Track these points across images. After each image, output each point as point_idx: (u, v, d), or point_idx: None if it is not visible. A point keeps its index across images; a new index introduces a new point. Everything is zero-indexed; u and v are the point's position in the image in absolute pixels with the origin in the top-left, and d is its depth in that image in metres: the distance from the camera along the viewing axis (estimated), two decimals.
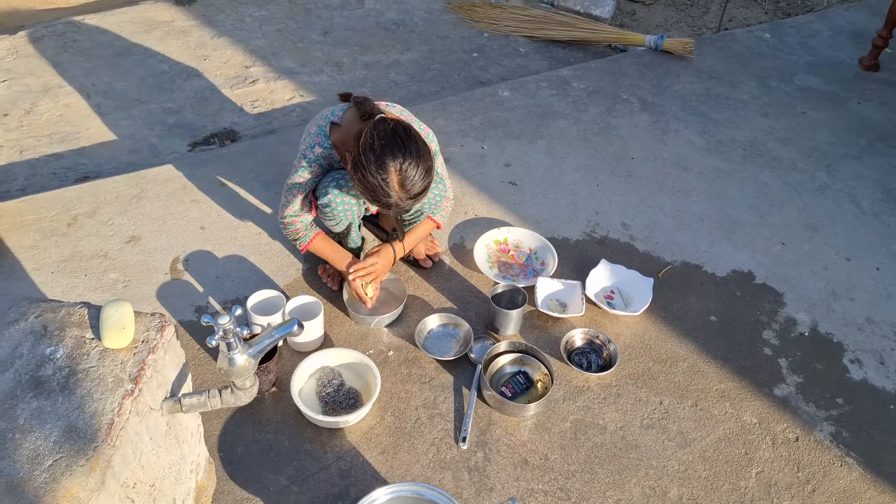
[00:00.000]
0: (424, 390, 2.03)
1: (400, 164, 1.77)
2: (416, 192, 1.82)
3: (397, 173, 1.77)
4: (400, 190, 1.79)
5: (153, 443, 1.22)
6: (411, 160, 1.78)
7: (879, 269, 2.53)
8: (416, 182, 1.80)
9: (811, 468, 1.94)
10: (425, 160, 1.82)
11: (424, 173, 1.81)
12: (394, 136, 1.79)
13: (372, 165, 1.76)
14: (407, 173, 1.78)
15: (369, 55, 3.49)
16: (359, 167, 1.79)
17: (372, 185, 1.79)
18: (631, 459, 1.92)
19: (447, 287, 2.32)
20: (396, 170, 1.77)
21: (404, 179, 1.78)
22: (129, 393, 1.16)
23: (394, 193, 1.79)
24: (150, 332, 1.24)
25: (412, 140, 1.80)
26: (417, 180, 1.80)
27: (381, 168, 1.76)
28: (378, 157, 1.76)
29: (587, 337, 2.19)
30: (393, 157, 1.76)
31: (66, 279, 2.22)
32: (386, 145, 1.77)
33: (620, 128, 3.05)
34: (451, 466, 1.87)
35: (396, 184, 1.78)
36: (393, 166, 1.76)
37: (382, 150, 1.76)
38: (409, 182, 1.79)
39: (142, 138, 2.93)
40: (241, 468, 1.82)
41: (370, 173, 1.77)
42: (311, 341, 2.07)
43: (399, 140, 1.78)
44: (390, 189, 1.78)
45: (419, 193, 1.83)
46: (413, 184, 1.80)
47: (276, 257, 2.35)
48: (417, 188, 1.82)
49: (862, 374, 2.19)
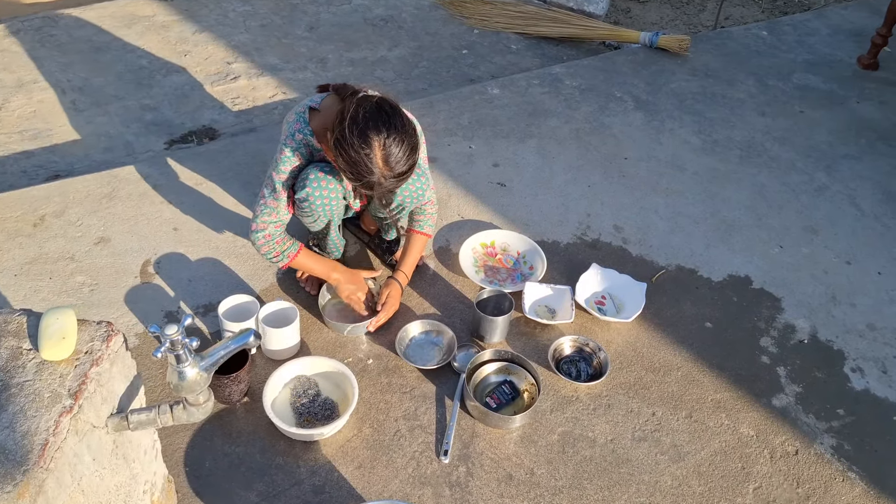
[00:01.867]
0: (405, 401, 1.93)
1: (384, 140, 1.67)
2: (401, 170, 1.72)
3: (381, 148, 1.68)
4: (384, 166, 1.70)
5: (96, 463, 1.11)
6: (396, 135, 1.69)
7: (881, 273, 2.44)
8: (401, 159, 1.71)
9: (811, 483, 1.85)
10: (410, 137, 1.73)
11: (409, 151, 1.72)
12: (379, 110, 1.70)
13: (355, 139, 1.67)
14: (391, 149, 1.68)
15: (355, 52, 3.39)
16: (341, 141, 1.69)
17: (354, 161, 1.69)
18: (622, 474, 1.82)
19: (431, 292, 2.22)
20: (380, 145, 1.67)
21: (388, 155, 1.69)
22: (68, 409, 1.05)
23: (377, 170, 1.69)
24: (95, 342, 1.14)
25: (398, 115, 1.72)
26: (402, 157, 1.71)
27: (365, 142, 1.67)
28: (361, 130, 1.67)
29: (577, 344, 2.09)
30: (377, 131, 1.67)
31: (30, 282, 2.12)
32: (370, 118, 1.68)
33: (614, 127, 2.95)
34: (432, 482, 1.76)
35: (380, 159, 1.69)
36: (377, 141, 1.67)
37: (366, 123, 1.67)
38: (394, 159, 1.70)
39: (117, 136, 2.82)
40: (209, 483, 1.72)
41: (353, 148, 1.67)
42: (287, 349, 1.97)
43: (384, 114, 1.70)
44: (373, 165, 1.69)
45: (403, 173, 1.73)
46: (397, 161, 1.70)
47: (252, 260, 2.25)
48: (402, 167, 1.72)
49: (864, 384, 2.10)
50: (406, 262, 2.13)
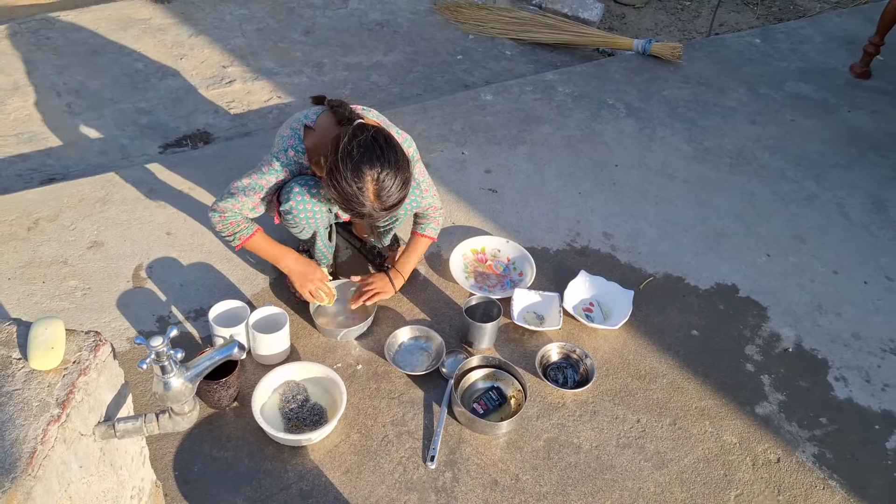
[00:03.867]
0: (393, 406, 1.96)
1: (377, 174, 1.70)
2: (391, 203, 1.76)
3: (374, 183, 1.70)
4: (375, 200, 1.73)
5: (83, 471, 1.14)
6: (389, 170, 1.71)
7: (867, 282, 2.46)
8: (393, 193, 1.74)
9: (792, 491, 1.87)
10: (403, 171, 1.75)
11: (402, 185, 1.75)
12: (374, 144, 1.71)
13: (348, 173, 1.69)
14: (384, 184, 1.71)
15: (351, 56, 3.42)
16: (335, 173, 1.72)
17: (346, 194, 1.72)
18: (605, 480, 1.84)
19: (421, 298, 2.24)
20: (373, 179, 1.70)
21: (380, 190, 1.72)
22: (56, 418, 1.08)
23: (368, 203, 1.73)
24: (83, 352, 1.16)
25: (392, 149, 1.73)
26: (394, 192, 1.74)
27: (358, 177, 1.69)
28: (356, 164, 1.69)
29: (564, 351, 2.11)
30: (371, 166, 1.69)
31: (24, 286, 2.14)
32: (365, 153, 1.70)
33: (605, 134, 2.97)
34: (418, 487, 1.79)
35: (372, 194, 1.72)
36: (370, 175, 1.70)
37: (361, 157, 1.69)
38: (385, 193, 1.73)
39: (112, 139, 2.85)
40: (197, 488, 1.74)
41: (346, 181, 1.70)
42: (276, 354, 1.99)
43: (378, 149, 1.71)
44: (365, 199, 1.72)
45: (394, 205, 1.77)
46: (389, 195, 1.73)
47: (244, 265, 2.27)
48: (393, 199, 1.75)
49: (847, 393, 2.12)
50: (403, 261, 2.14)
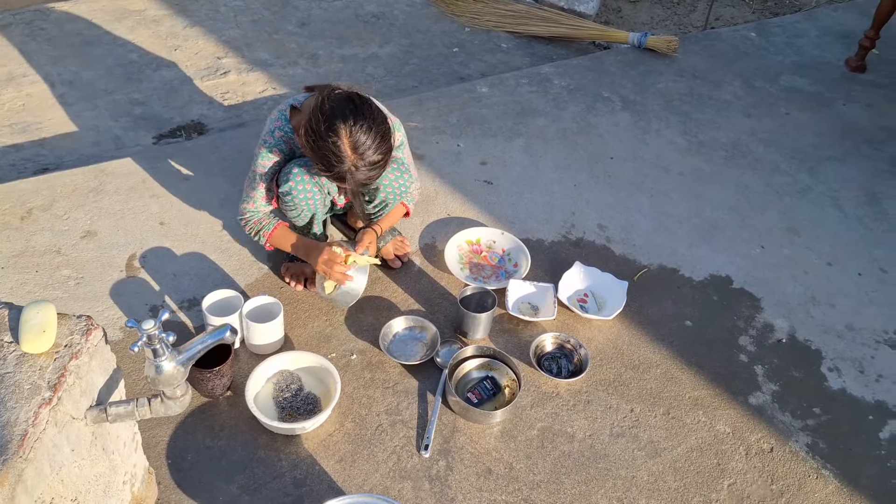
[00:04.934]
0: (387, 395, 1.96)
1: (350, 127, 1.70)
2: (372, 159, 1.75)
3: (348, 136, 1.71)
4: (353, 154, 1.72)
5: (75, 454, 1.13)
6: (363, 122, 1.72)
7: (861, 274, 2.47)
8: (370, 146, 1.73)
9: (785, 480, 1.88)
10: (379, 125, 1.75)
11: (379, 139, 1.74)
12: (347, 100, 1.74)
13: (322, 126, 1.71)
14: (358, 136, 1.71)
15: (346, 48, 3.41)
16: (309, 132, 1.74)
17: (322, 150, 1.72)
18: (599, 469, 1.85)
19: (416, 288, 2.24)
20: (347, 133, 1.70)
21: (356, 143, 1.71)
22: (47, 401, 1.07)
23: (346, 159, 1.72)
24: (75, 335, 1.16)
25: (366, 105, 1.75)
26: (371, 144, 1.73)
27: (331, 130, 1.70)
28: (328, 118, 1.71)
29: (558, 341, 2.11)
30: (343, 118, 1.71)
31: (17, 275, 2.13)
32: (337, 108, 1.72)
33: (600, 126, 2.97)
34: (412, 476, 1.79)
35: (348, 147, 1.71)
36: (343, 128, 1.70)
37: (332, 111, 1.71)
38: (363, 146, 1.72)
39: (106, 130, 2.83)
40: (190, 476, 1.74)
41: (320, 137, 1.71)
42: (270, 343, 1.99)
43: (352, 104, 1.73)
44: (342, 153, 1.71)
45: (375, 162, 1.76)
46: (366, 148, 1.73)
47: (238, 255, 2.26)
48: (372, 154, 1.74)
49: (840, 383, 2.13)
50: (381, 220, 2.14)
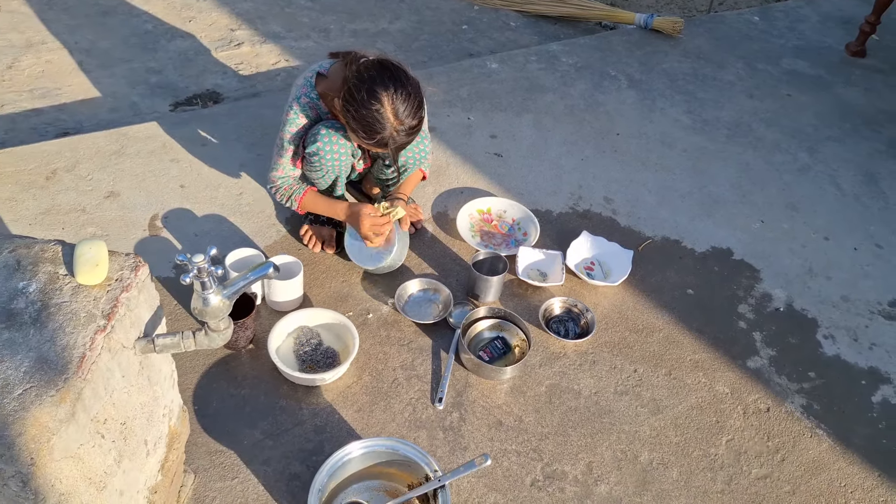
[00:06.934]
0: (403, 352, 2.04)
1: (392, 95, 1.77)
2: (411, 124, 1.82)
3: (391, 103, 1.77)
4: (395, 120, 1.79)
5: (125, 381, 1.21)
6: (402, 90, 1.78)
7: (857, 248, 2.56)
8: (410, 113, 1.80)
9: (781, 437, 1.97)
10: (416, 91, 1.82)
11: (417, 105, 1.82)
12: (383, 68, 1.80)
13: (364, 95, 1.76)
14: (398, 104, 1.78)
15: (357, 23, 3.46)
16: (350, 101, 1.79)
17: (365, 118, 1.78)
18: (604, 423, 1.94)
19: (429, 254, 2.32)
20: (389, 100, 1.77)
21: (398, 109, 1.78)
22: (102, 329, 1.15)
23: (389, 125, 1.79)
24: (125, 271, 1.23)
25: (401, 71, 1.81)
26: (411, 111, 1.80)
27: (374, 98, 1.76)
28: (369, 88, 1.77)
29: (566, 305, 2.20)
30: (384, 86, 1.77)
31: (44, 232, 2.19)
32: (376, 76, 1.78)
33: (607, 104, 3.05)
34: (427, 425, 1.87)
35: (391, 114, 1.78)
36: (385, 96, 1.77)
37: (373, 81, 1.77)
38: (403, 112, 1.79)
39: (123, 97, 2.89)
40: (216, 421, 1.82)
41: (363, 105, 1.77)
42: (290, 301, 2.07)
43: (388, 71, 1.79)
44: (385, 120, 1.78)
45: (414, 127, 1.83)
46: (407, 114, 1.80)
47: (257, 218, 2.34)
48: (411, 120, 1.81)
49: (835, 350, 2.22)
50: (402, 187, 2.19)
